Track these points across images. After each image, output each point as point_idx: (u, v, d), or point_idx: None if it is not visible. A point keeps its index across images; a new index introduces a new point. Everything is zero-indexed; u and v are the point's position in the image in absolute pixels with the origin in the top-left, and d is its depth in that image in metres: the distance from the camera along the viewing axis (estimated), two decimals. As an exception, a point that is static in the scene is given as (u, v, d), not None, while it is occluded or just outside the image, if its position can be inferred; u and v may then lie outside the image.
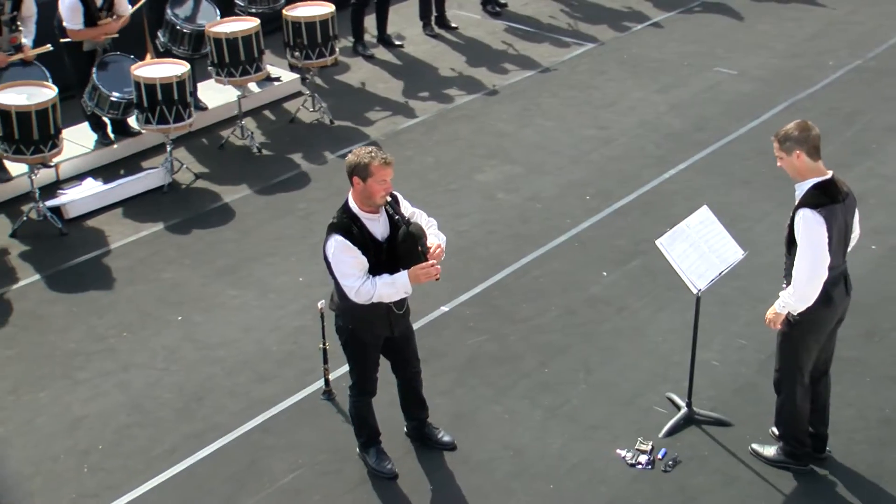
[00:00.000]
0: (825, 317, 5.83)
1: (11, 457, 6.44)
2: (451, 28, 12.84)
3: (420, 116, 10.74)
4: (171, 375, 7.12)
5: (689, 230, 6.28)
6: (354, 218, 5.64)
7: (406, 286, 5.64)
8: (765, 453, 6.30)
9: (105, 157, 9.78)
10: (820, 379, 6.18)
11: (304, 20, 10.14)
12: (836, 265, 5.70)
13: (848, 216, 5.73)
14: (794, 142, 5.64)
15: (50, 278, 8.17)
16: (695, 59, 11.94)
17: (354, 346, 6.00)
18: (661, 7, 13.51)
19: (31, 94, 8.51)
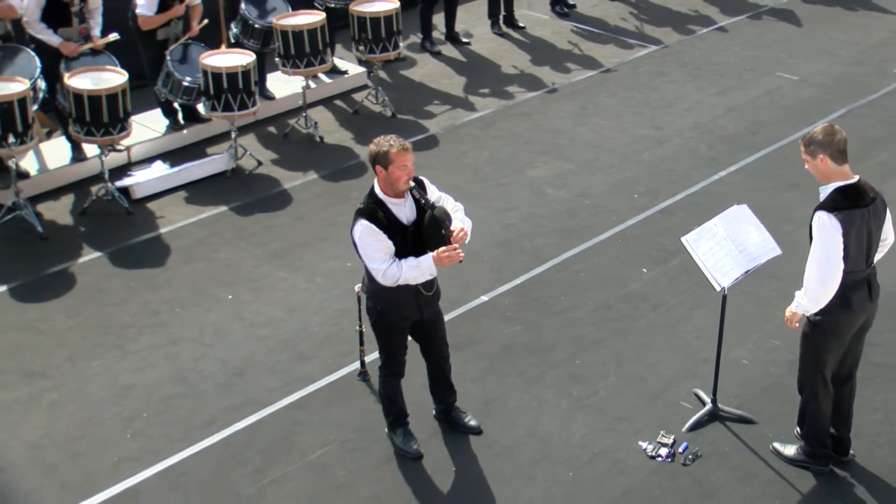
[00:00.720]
0: (844, 321, 5.72)
1: (62, 420, 6.63)
2: (518, 27, 12.82)
3: (479, 112, 10.75)
4: (216, 351, 7.25)
5: (718, 228, 6.20)
6: (380, 203, 5.69)
7: (431, 268, 5.68)
8: (785, 452, 6.21)
9: (174, 141, 9.97)
10: (845, 382, 6.07)
11: (369, 15, 10.21)
12: (856, 270, 5.59)
13: (872, 221, 5.60)
14: (819, 145, 5.56)
15: (113, 255, 8.36)
16: (757, 64, 11.76)
17: (383, 327, 6.06)
18: (728, 12, 13.32)
19: (103, 79, 8.71)
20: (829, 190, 5.59)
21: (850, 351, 5.94)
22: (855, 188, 5.58)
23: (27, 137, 8.29)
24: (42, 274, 8.10)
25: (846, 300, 5.64)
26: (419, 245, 5.73)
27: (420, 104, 10.93)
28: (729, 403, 6.64)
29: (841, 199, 5.53)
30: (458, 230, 5.68)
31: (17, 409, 6.73)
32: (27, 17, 8.90)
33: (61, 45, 8.92)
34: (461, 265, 7.81)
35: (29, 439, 6.47)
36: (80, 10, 9.06)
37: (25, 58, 8.72)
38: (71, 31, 9.07)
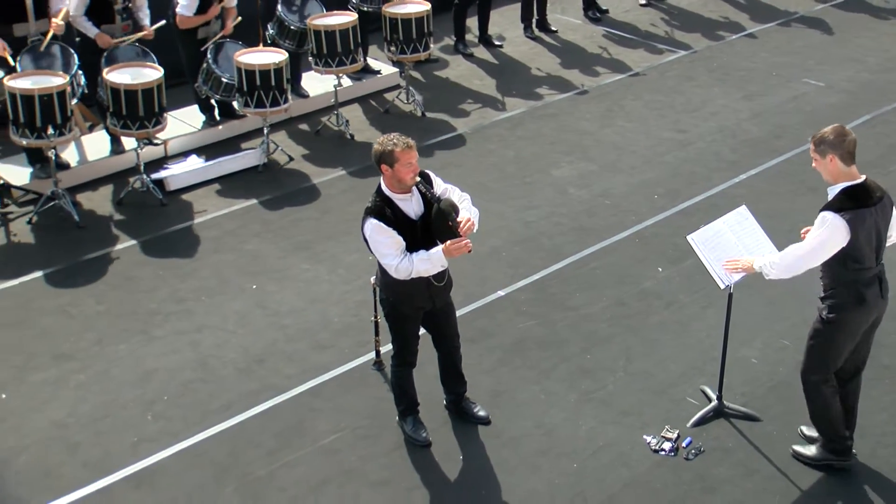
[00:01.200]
0: (858, 317, 5.69)
1: (88, 400, 6.75)
2: (550, 31, 12.81)
3: (508, 113, 10.76)
4: (238, 338, 7.33)
5: (724, 227, 6.19)
6: (387, 200, 5.74)
7: (442, 260, 5.71)
8: (806, 453, 6.13)
9: (210, 136, 10.08)
10: (851, 379, 6.03)
11: (400, 17, 10.27)
12: (868, 266, 5.58)
13: (880, 219, 5.57)
14: (829, 146, 5.54)
15: (145, 244, 8.48)
16: (784, 70, 11.66)
17: (395, 318, 6.10)
18: (758, 19, 13.22)
19: (140, 74, 8.83)
20: (837, 190, 5.57)
21: (858, 348, 5.89)
22: (862, 188, 5.55)
23: (66, 129, 8.43)
24: (76, 261, 8.23)
25: (861, 297, 5.62)
26: (429, 238, 5.76)
27: (450, 104, 10.96)
28: (735, 401, 6.60)
29: (848, 200, 5.50)
30: (464, 220, 5.70)
31: (46, 389, 6.85)
32: (72, 12, 9.05)
33: (97, 37, 9.06)
34: (481, 261, 7.95)
35: (55, 418, 6.59)
36: (124, 7, 9.19)
37: (66, 54, 8.86)
38: (114, 28, 9.21)
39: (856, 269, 5.55)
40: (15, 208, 8.91)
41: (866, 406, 6.53)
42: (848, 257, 5.52)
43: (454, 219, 5.67)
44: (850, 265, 5.55)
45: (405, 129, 10.21)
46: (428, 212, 5.78)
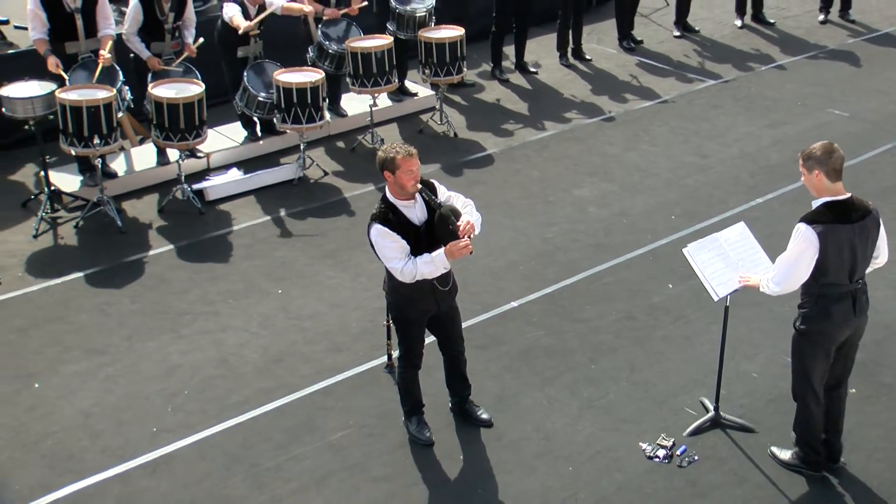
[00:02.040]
0: (825, 331, 5.64)
1: (114, 392, 6.88)
2: (585, 59, 12.83)
3: (536, 135, 10.79)
4: (259, 339, 7.43)
5: (721, 241, 6.16)
6: (392, 207, 5.80)
7: (444, 262, 5.75)
8: (780, 456, 6.12)
9: (250, 151, 10.25)
10: (833, 389, 5.96)
11: (435, 41, 10.37)
12: (837, 283, 5.52)
13: (858, 238, 5.51)
14: (816, 161, 5.51)
15: (181, 249, 8.63)
16: (810, 100, 11.56)
17: (402, 321, 6.15)
18: (788, 51, 13.11)
19: (182, 89, 9.02)
20: (818, 203, 5.54)
21: (837, 361, 5.82)
22: (843, 204, 5.51)
23: (111, 139, 8.63)
24: (116, 263, 8.40)
25: (826, 311, 5.58)
26: (432, 243, 5.80)
27: (482, 126, 11.02)
28: (734, 413, 6.54)
29: (825, 213, 5.48)
30: (464, 223, 5.73)
31: (76, 380, 7.00)
32: (126, 31, 9.30)
33: (148, 60, 9.29)
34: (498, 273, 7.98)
35: (82, 407, 6.73)
36: (174, 27, 9.40)
37: (112, 70, 9.06)
38: (163, 46, 9.43)
39: (824, 284, 5.51)
40: (64, 213, 9.13)
41: (861, 421, 6.47)
42: (817, 271, 5.48)
43: (454, 222, 5.71)
44: (819, 279, 5.52)
45: (437, 148, 10.43)
46: (431, 218, 5.84)
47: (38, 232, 8.80)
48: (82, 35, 9.05)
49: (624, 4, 13.20)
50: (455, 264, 7.82)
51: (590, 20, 13.95)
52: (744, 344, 7.27)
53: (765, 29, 13.88)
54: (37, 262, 8.43)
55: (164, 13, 9.26)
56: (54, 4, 8.89)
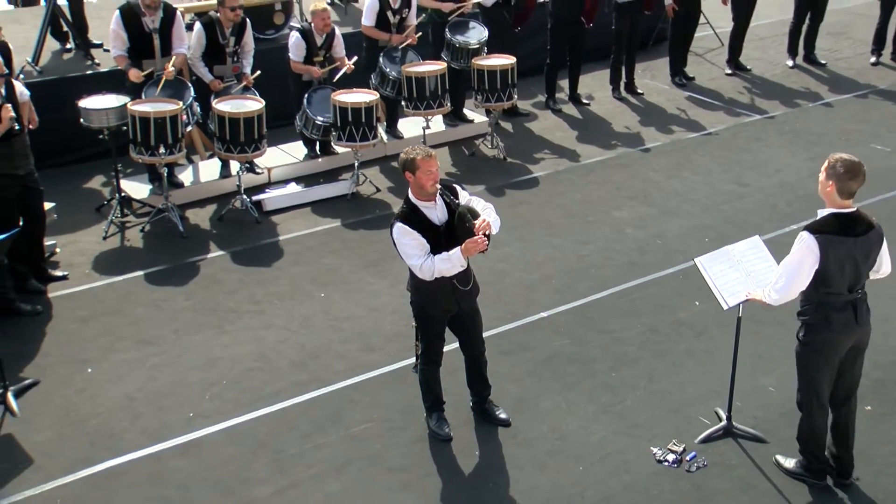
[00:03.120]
0: (828, 340, 5.50)
1: (158, 379, 7.00)
2: (637, 94, 12.76)
3: (582, 161, 10.75)
4: (298, 337, 7.49)
5: (733, 253, 6.06)
6: (413, 207, 5.83)
7: (460, 259, 5.74)
8: (785, 464, 5.96)
9: (309, 168, 10.39)
10: (842, 405, 5.79)
11: (486, 68, 10.43)
12: (836, 292, 5.39)
13: (859, 251, 5.37)
14: (835, 174, 5.40)
15: (235, 254, 8.77)
16: (853, 136, 11.32)
17: (423, 319, 6.16)
18: (837, 90, 12.87)
19: (243, 105, 9.20)
20: (825, 213, 5.43)
21: (843, 373, 5.67)
22: (847, 217, 5.39)
23: (176, 149, 8.84)
24: (174, 264, 8.57)
25: (827, 319, 5.45)
26: (452, 243, 5.80)
27: (531, 151, 11.02)
28: (747, 424, 6.40)
29: (829, 224, 5.37)
30: (481, 221, 5.73)
31: (125, 367, 7.14)
32: (190, 55, 9.54)
33: (210, 83, 9.51)
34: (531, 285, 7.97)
35: (127, 391, 6.86)
36: (235, 51, 9.62)
37: (184, 87, 9.31)
38: (224, 69, 9.64)
39: (825, 293, 5.38)
40: (133, 218, 9.35)
41: (874, 437, 6.28)
42: (817, 279, 5.36)
43: (470, 220, 5.72)
44: (819, 287, 5.39)
45: (485, 170, 10.47)
46: (451, 219, 5.85)
47: (107, 234, 9.02)
48: (158, 54, 9.30)
49: (677, 42, 13.12)
50: (490, 276, 7.95)
51: (645, 58, 13.91)
52: (764, 360, 7.11)
53: (816, 69, 13.66)
54: (103, 261, 8.65)
55: (226, 37, 9.47)
56: (134, 25, 9.18)
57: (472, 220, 5.74)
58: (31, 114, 8.54)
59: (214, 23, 9.43)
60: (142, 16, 9.15)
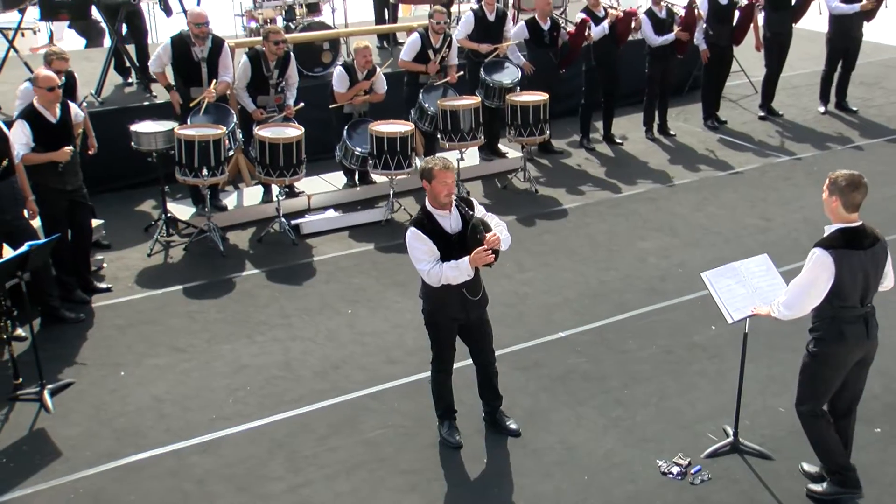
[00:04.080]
0: (839, 352, 5.34)
1: (186, 384, 7.04)
2: (669, 135, 12.69)
3: (611, 195, 10.68)
4: (322, 349, 7.50)
5: (740, 270, 5.96)
6: (428, 214, 5.83)
7: (468, 269, 5.72)
8: (817, 489, 5.71)
9: (348, 196, 10.46)
10: (843, 417, 5.64)
11: (520, 104, 10.46)
12: (850, 305, 5.25)
13: (870, 264, 5.26)
14: (838, 190, 5.31)
15: (270, 272, 8.83)
16: (881, 177, 11.09)
17: (432, 325, 6.12)
18: (868, 135, 12.66)
19: (283, 132, 9.33)
20: (832, 229, 5.32)
21: (848, 385, 5.51)
22: (855, 231, 5.28)
23: (218, 172, 8.97)
24: (211, 280, 8.65)
25: (840, 332, 5.30)
26: (463, 252, 5.78)
27: (563, 185, 10.98)
28: (754, 441, 6.23)
29: (839, 239, 5.26)
30: (491, 235, 5.71)
31: (156, 371, 7.20)
32: (235, 85, 9.72)
33: (253, 112, 9.66)
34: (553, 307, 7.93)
35: (156, 393, 6.91)
36: (278, 83, 9.77)
37: (228, 113, 9.46)
38: (268, 99, 9.79)
39: (838, 307, 5.25)
40: (177, 238, 9.48)
41: (882, 458, 6.08)
42: (832, 294, 5.23)
43: (482, 232, 5.71)
44: (833, 302, 5.25)
45: (516, 201, 10.45)
46: (465, 229, 5.83)
47: (151, 252, 9.16)
48: (206, 81, 9.48)
49: (710, 87, 13.05)
50: (513, 298, 7.92)
51: (679, 103, 13.86)
52: (776, 382, 6.94)
53: (847, 116, 13.46)
54: (146, 276, 8.76)
55: (270, 70, 9.63)
56: (184, 54, 9.39)
57: (484, 233, 5.73)
58: (91, 139, 8.80)
59: (259, 56, 9.60)
60: (191, 45, 9.35)
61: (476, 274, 5.93)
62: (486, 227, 5.77)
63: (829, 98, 13.65)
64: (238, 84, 9.70)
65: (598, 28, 11.56)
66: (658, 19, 12.07)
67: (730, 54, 12.90)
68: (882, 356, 7.20)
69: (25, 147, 7.65)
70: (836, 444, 5.55)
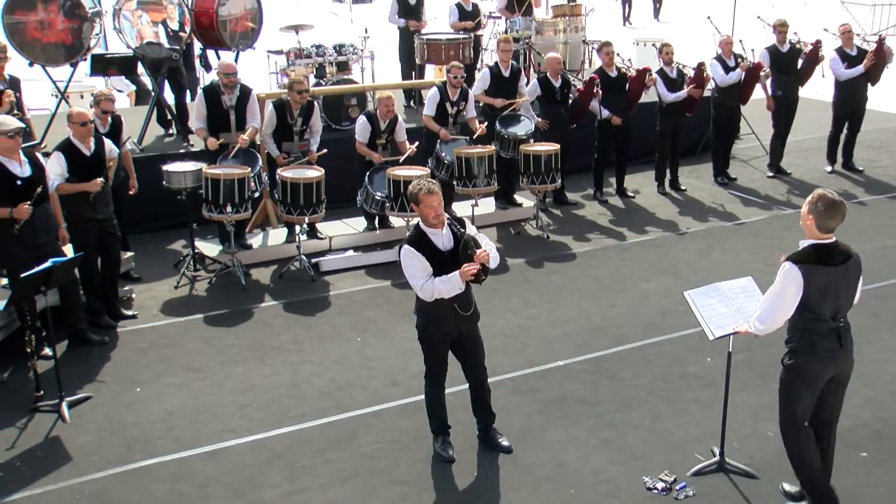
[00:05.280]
0: (812, 365, 5.24)
1: (197, 399, 7.04)
2: (680, 190, 12.66)
3: (619, 242, 10.64)
4: (330, 372, 7.48)
5: (724, 290, 5.89)
6: (422, 233, 5.86)
7: (458, 283, 5.73)
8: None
9: (367, 238, 10.51)
10: (822, 435, 5.47)
11: (532, 153, 10.52)
12: (820, 318, 5.16)
13: (841, 280, 5.18)
14: (815, 209, 5.26)
15: (287, 304, 8.87)
16: (882, 230, 10.96)
17: (425, 340, 6.11)
18: (873, 192, 12.53)
19: (304, 173, 9.45)
20: (805, 245, 5.26)
21: (824, 402, 5.37)
22: (827, 248, 5.21)
23: (241, 209, 9.09)
24: (231, 310, 8.71)
25: (812, 345, 5.21)
26: (455, 268, 5.78)
27: (573, 232, 10.95)
28: (741, 461, 6.07)
29: (810, 255, 5.20)
30: (481, 251, 5.72)
31: (170, 389, 7.22)
32: (262, 131, 9.89)
33: (276, 158, 9.81)
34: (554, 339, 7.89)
35: (167, 408, 6.93)
36: (302, 130, 9.93)
37: (255, 158, 9.62)
38: (292, 146, 9.94)
39: (810, 319, 5.16)
40: (203, 273, 9.58)
41: (867, 480, 5.92)
42: (803, 307, 5.15)
43: (473, 248, 5.71)
44: (804, 314, 5.17)
45: (527, 246, 10.43)
46: (456, 247, 5.84)
47: (178, 284, 9.26)
48: (233, 127, 9.68)
49: (720, 145, 13.04)
50: (517, 331, 7.91)
51: (692, 162, 13.84)
52: (767, 409, 6.77)
53: (854, 175, 13.36)
54: (170, 305, 8.84)
55: (294, 118, 9.80)
56: (215, 102, 9.61)
57: (475, 249, 5.74)
58: (132, 179, 9.03)
59: (284, 104, 9.79)
60: (221, 94, 9.57)
61: (467, 290, 5.92)
62: (477, 244, 5.79)
63: (836, 158, 13.57)
64: (265, 131, 9.87)
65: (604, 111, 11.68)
66: (669, 79, 12.15)
67: (738, 114, 12.92)
68: (873, 385, 7.09)
69: (60, 177, 7.83)
70: (814, 460, 5.39)
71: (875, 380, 7.21)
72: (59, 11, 10.61)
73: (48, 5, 10.54)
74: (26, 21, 10.51)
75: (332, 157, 10.25)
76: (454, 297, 5.83)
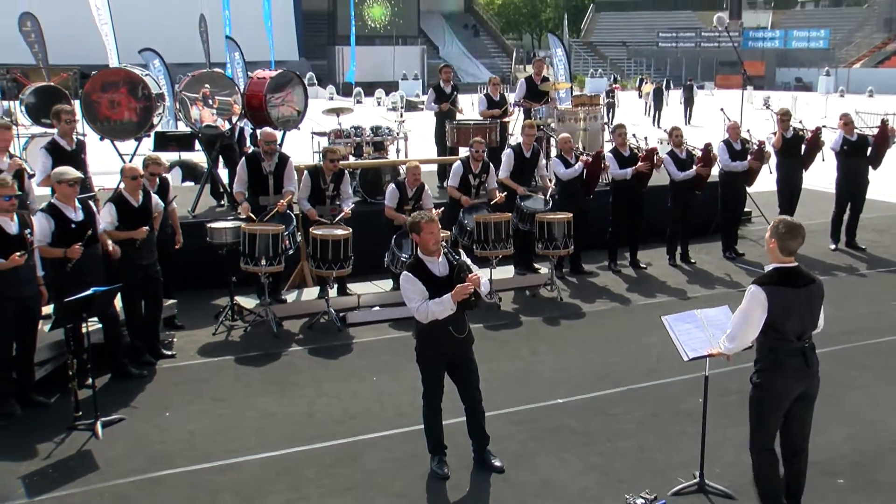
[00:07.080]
0: (778, 383, 5.19)
1: (219, 423, 7.13)
2: (690, 262, 12.65)
3: (627, 305, 10.63)
4: (344, 404, 7.54)
5: (700, 317, 5.89)
6: (419, 261, 6.00)
7: (450, 303, 5.83)
8: None
9: (394, 297, 10.47)
10: (793, 457, 5.38)
11: (546, 220, 10.66)
12: (785, 339, 5.14)
13: (804, 302, 5.18)
14: (776, 233, 5.33)
15: (312, 349, 8.99)
16: (879, 296, 10.81)
17: (422, 362, 6.19)
18: (873, 266, 12.39)
19: (334, 231, 9.68)
20: (770, 269, 5.28)
21: (793, 421, 5.30)
22: (789, 271, 5.24)
23: (275, 262, 9.32)
24: (260, 353, 8.85)
25: (779, 363, 5.18)
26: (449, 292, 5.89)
27: (585, 297, 10.97)
28: (722, 484, 5.96)
29: (773, 277, 5.24)
30: (473, 275, 5.83)
31: (196, 413, 7.34)
32: (297, 196, 10.20)
33: (307, 211, 10.09)
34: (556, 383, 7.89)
35: (191, 429, 7.04)
36: (333, 195, 10.21)
37: (290, 219, 9.89)
38: (324, 209, 10.21)
39: (776, 339, 5.15)
40: (240, 322, 9.77)
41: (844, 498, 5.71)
42: (768, 326, 5.17)
43: (466, 272, 5.82)
44: (770, 334, 5.18)
45: (541, 306, 10.48)
46: (451, 273, 5.96)
47: (216, 331, 9.45)
48: (272, 191, 10.00)
49: (728, 222, 13.07)
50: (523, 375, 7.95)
51: (703, 241, 13.83)
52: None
53: (856, 252, 13.23)
54: (207, 348, 9.02)
55: (326, 183, 10.11)
56: (255, 168, 9.97)
57: (468, 273, 5.85)
58: (178, 235, 9.36)
59: (318, 171, 10.12)
60: (261, 161, 9.93)
61: (461, 314, 6.00)
62: (470, 269, 5.90)
63: (840, 237, 13.48)
64: (300, 195, 10.17)
65: (621, 171, 11.85)
66: (679, 159, 12.30)
67: (744, 194, 12.98)
68: (854, 424, 6.93)
69: (110, 225, 8.16)
70: (773, 481, 5.29)
71: (857, 420, 7.06)
72: (129, 93, 11.19)
73: (119, 87, 11.13)
74: (99, 101, 11.09)
75: (366, 225, 10.46)
76: (449, 319, 5.92)
